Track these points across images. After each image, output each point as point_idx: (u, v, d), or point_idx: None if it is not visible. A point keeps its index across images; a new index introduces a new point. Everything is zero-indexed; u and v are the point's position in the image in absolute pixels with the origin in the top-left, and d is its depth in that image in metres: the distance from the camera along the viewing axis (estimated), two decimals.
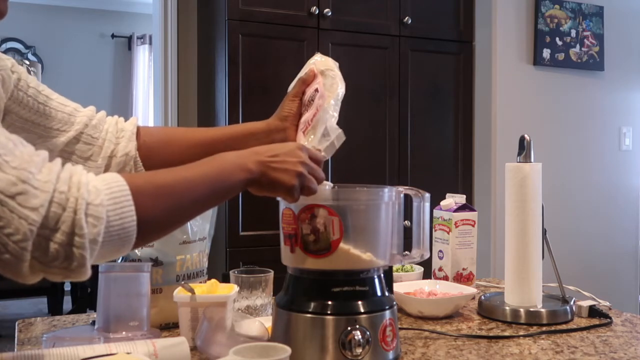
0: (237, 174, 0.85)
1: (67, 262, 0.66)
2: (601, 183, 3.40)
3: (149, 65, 5.99)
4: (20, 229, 0.63)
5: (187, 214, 0.83)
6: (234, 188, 0.85)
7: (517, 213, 1.27)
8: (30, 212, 0.63)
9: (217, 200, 0.86)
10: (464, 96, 3.22)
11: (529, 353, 1.05)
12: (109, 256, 0.72)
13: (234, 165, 0.85)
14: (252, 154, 0.88)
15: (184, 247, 1.21)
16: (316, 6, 2.85)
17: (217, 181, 0.83)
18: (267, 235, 2.68)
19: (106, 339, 1.00)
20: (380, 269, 0.99)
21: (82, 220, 0.66)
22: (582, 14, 3.31)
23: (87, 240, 0.66)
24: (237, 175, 0.85)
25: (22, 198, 0.63)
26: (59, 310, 3.82)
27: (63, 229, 0.65)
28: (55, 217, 0.65)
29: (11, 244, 0.63)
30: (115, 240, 0.70)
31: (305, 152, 0.91)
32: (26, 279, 0.67)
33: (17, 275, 0.66)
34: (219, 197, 0.85)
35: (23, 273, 0.66)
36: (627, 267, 3.49)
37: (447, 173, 3.18)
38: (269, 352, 0.79)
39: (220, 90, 2.83)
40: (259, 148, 0.90)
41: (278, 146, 0.91)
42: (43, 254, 0.65)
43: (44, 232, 0.64)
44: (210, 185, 0.82)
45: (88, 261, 0.67)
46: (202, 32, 3.18)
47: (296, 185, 0.88)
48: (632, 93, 3.49)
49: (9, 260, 0.64)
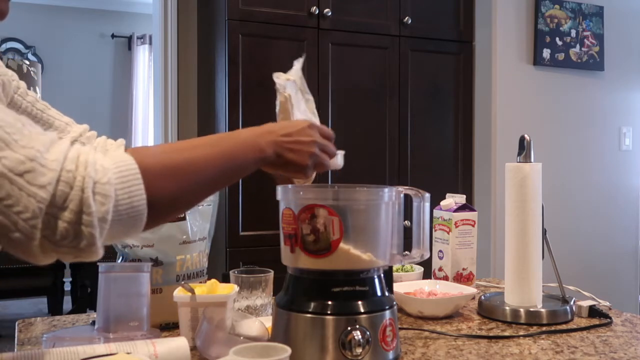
0: (250, 154, 0.86)
1: (77, 240, 0.66)
2: (601, 183, 3.40)
3: (149, 65, 5.99)
4: (29, 207, 0.63)
5: (198, 193, 0.82)
6: (247, 168, 0.87)
7: (517, 213, 1.27)
8: (38, 190, 0.63)
9: (229, 180, 0.86)
10: (464, 96, 3.22)
11: (529, 353, 1.05)
12: (121, 236, 0.72)
13: (247, 145, 0.86)
14: (266, 133, 0.90)
15: (184, 247, 1.21)
16: (316, 6, 2.85)
17: (230, 160, 0.84)
18: (267, 235, 2.68)
19: (106, 339, 1.00)
20: (380, 269, 0.99)
21: (89, 199, 0.65)
22: (582, 14, 3.31)
23: (95, 218, 0.66)
24: (251, 155, 0.86)
25: (30, 176, 0.63)
26: (59, 310, 3.81)
27: (71, 208, 0.65)
28: (63, 196, 0.64)
29: (21, 222, 0.63)
30: (125, 219, 0.69)
31: (316, 129, 0.95)
32: (38, 259, 0.67)
33: (28, 255, 0.66)
34: (230, 177, 0.86)
35: (34, 252, 0.65)
36: (627, 267, 3.49)
37: (447, 173, 3.18)
38: (269, 352, 0.79)
39: (220, 90, 2.83)
40: (272, 126, 0.92)
41: (290, 124, 0.94)
42: (52, 233, 0.64)
43: (53, 210, 0.64)
44: (223, 164, 0.83)
45: (98, 240, 0.67)
46: (202, 32, 3.18)
47: (309, 165, 0.92)
48: (632, 93, 3.49)
49: (20, 239, 0.64)
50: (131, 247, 1.17)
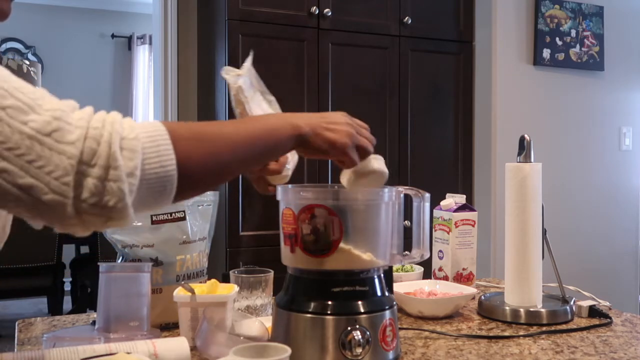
0: (285, 130, 0.83)
1: (106, 198, 0.64)
2: (601, 183, 3.40)
3: (149, 65, 5.99)
4: (60, 165, 0.62)
5: (230, 166, 0.79)
6: (283, 145, 0.83)
7: (517, 213, 1.27)
8: (67, 147, 0.63)
9: (262, 156, 0.84)
10: (464, 96, 3.22)
11: (529, 353, 1.05)
12: (151, 202, 0.70)
13: (282, 121, 0.84)
14: (301, 115, 0.87)
15: (184, 247, 1.21)
16: (316, 6, 2.85)
17: (263, 135, 0.81)
18: (267, 235, 2.68)
19: (106, 339, 1.00)
20: (380, 269, 0.99)
21: (117, 153, 0.65)
22: (582, 14, 3.31)
23: (123, 173, 0.65)
24: (286, 132, 0.83)
25: (58, 134, 0.63)
26: (59, 310, 3.81)
27: (99, 164, 0.64)
28: (91, 152, 0.64)
29: (53, 181, 0.62)
30: (154, 180, 0.68)
31: (350, 118, 0.93)
32: (72, 223, 0.65)
33: (62, 219, 0.65)
34: (264, 153, 0.83)
35: (68, 214, 0.64)
36: (627, 267, 3.49)
37: (447, 173, 3.18)
38: (269, 352, 0.79)
39: (220, 90, 2.83)
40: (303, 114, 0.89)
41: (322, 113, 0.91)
42: (82, 192, 0.64)
43: (82, 167, 0.63)
44: (255, 139, 0.80)
45: (126, 197, 0.65)
46: (202, 32, 3.18)
47: (350, 145, 0.88)
48: (632, 93, 3.49)
49: (53, 200, 0.63)
50: (131, 247, 1.17)
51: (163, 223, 1.20)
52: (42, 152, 0.62)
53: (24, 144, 0.62)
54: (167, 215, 1.21)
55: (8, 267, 3.52)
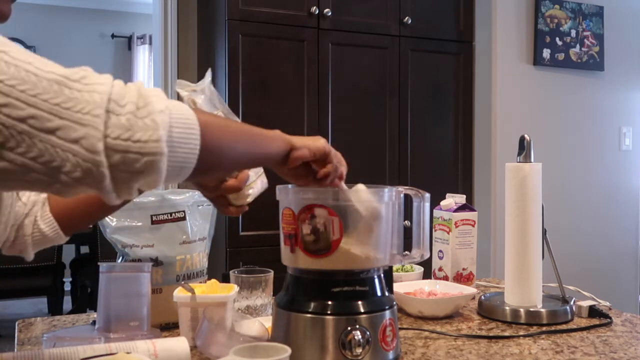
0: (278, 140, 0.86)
1: (139, 133, 0.62)
2: (601, 183, 3.40)
3: (149, 65, 5.99)
4: (90, 100, 0.62)
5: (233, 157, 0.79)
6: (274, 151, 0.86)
7: (517, 213, 1.27)
8: (97, 86, 0.63)
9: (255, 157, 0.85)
10: (464, 96, 3.22)
11: (529, 353, 1.05)
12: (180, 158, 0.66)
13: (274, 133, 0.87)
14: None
15: (184, 247, 1.21)
16: (316, 6, 2.85)
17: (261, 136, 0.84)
18: (267, 235, 2.68)
19: (106, 339, 1.00)
20: (380, 269, 0.99)
21: (146, 93, 0.65)
22: (582, 14, 3.31)
23: (155, 109, 0.64)
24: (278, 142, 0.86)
25: (86, 80, 0.63)
26: (59, 310, 3.81)
27: (131, 100, 0.64)
28: (120, 94, 0.64)
29: (83, 116, 0.61)
30: (183, 129, 0.66)
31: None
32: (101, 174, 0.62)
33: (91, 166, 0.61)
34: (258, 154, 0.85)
35: (98, 154, 0.61)
36: (627, 267, 3.49)
37: (447, 173, 3.18)
38: (269, 352, 0.79)
39: (220, 90, 2.83)
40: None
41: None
42: (113, 129, 0.62)
43: (112, 105, 0.62)
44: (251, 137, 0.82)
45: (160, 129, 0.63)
46: (202, 32, 3.18)
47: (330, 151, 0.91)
48: (632, 93, 3.49)
49: (85, 136, 0.61)
50: (131, 247, 1.17)
51: (163, 223, 1.20)
52: (72, 95, 0.62)
53: (52, 89, 0.61)
54: (167, 215, 1.21)
55: (8, 267, 3.52)
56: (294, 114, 2.82)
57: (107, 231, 1.18)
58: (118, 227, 1.18)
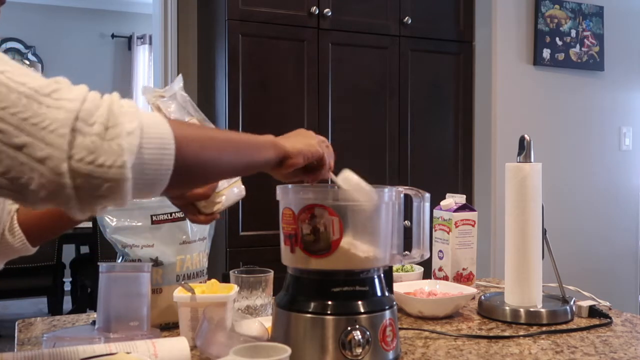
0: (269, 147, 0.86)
1: (104, 157, 0.61)
2: (601, 183, 3.40)
3: (149, 65, 5.98)
4: (57, 118, 0.60)
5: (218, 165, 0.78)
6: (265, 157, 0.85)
7: (517, 213, 1.27)
8: (66, 102, 0.62)
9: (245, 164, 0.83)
10: (464, 96, 3.22)
11: (529, 353, 1.05)
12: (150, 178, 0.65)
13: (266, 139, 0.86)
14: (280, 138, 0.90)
15: (184, 247, 1.21)
16: (316, 6, 2.85)
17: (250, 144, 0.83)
18: (267, 235, 2.68)
19: (106, 339, 1.00)
20: (380, 269, 0.99)
21: (117, 112, 0.63)
22: (582, 14, 3.31)
23: (123, 130, 0.62)
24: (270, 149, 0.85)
25: (57, 94, 0.62)
26: (59, 310, 3.81)
27: (99, 121, 0.62)
28: (89, 112, 0.62)
29: (48, 135, 0.59)
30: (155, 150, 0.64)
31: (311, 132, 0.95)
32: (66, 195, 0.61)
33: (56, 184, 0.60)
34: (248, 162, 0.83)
35: (62, 175, 0.60)
36: (627, 267, 3.49)
37: (447, 173, 3.18)
38: (269, 352, 0.79)
39: (220, 90, 2.83)
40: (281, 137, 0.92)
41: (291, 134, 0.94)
42: (78, 150, 0.60)
43: (78, 124, 0.61)
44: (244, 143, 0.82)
45: (126, 154, 0.61)
46: (202, 32, 3.18)
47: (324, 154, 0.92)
48: (632, 93, 3.49)
49: (47, 157, 0.59)
50: (131, 247, 1.17)
51: (163, 223, 1.20)
52: (40, 110, 0.60)
53: (21, 102, 0.60)
54: (167, 215, 1.21)
55: (8, 267, 3.50)
56: (294, 114, 2.82)
57: (107, 231, 1.18)
58: (118, 227, 1.18)
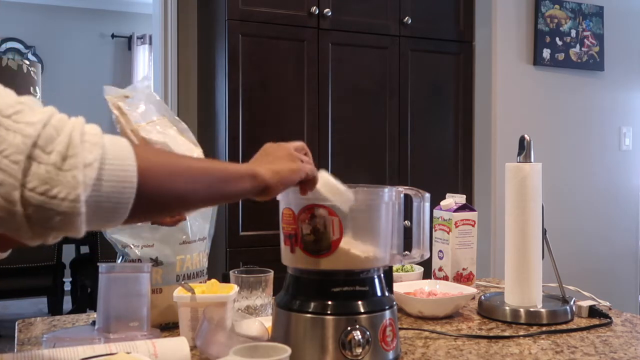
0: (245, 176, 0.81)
1: (58, 188, 0.59)
2: (601, 183, 3.40)
3: (149, 66, 5.98)
4: (13, 142, 0.58)
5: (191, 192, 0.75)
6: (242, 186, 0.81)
7: (517, 213, 1.27)
8: (25, 126, 0.60)
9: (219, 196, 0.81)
10: (464, 96, 3.22)
11: (529, 353, 1.05)
12: (107, 210, 0.64)
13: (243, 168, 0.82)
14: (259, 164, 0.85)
15: (184, 247, 1.21)
16: (316, 6, 2.85)
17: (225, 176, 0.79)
18: (267, 235, 2.68)
19: (106, 339, 1.00)
20: (380, 269, 0.99)
21: (76, 142, 0.61)
22: (582, 14, 3.31)
23: (80, 162, 0.60)
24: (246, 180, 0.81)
25: (18, 116, 0.60)
26: (59, 310, 3.81)
27: (57, 150, 0.60)
28: (49, 139, 0.60)
29: (2, 159, 0.58)
30: (114, 183, 0.63)
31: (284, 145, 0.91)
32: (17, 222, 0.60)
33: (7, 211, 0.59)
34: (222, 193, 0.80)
35: (13, 202, 0.58)
36: (627, 267, 3.49)
37: (447, 173, 3.18)
38: (269, 352, 0.79)
39: (220, 90, 2.83)
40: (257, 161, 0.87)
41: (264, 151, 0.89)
42: (32, 179, 0.59)
43: (35, 151, 0.59)
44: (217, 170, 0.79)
45: (80, 187, 0.60)
46: (202, 32, 3.18)
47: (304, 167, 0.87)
48: (632, 93, 3.49)
49: (2, 182, 0.58)
50: (131, 247, 1.17)
51: None
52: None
53: None
54: None
55: (8, 267, 3.52)
56: (294, 114, 2.82)
57: (107, 231, 1.18)
58: (118, 227, 1.18)
